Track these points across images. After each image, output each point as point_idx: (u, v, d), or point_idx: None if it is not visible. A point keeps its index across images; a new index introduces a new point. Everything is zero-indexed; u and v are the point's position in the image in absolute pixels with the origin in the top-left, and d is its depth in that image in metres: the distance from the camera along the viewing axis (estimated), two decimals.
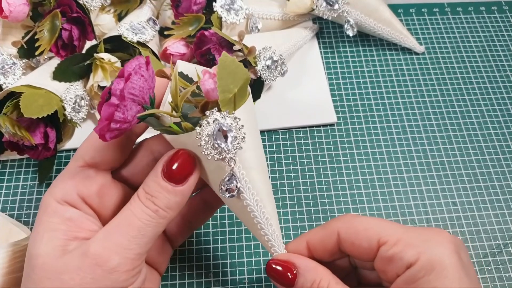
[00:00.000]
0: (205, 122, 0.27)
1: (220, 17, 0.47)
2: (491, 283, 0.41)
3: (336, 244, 0.31)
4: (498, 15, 0.58)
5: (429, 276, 0.27)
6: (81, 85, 0.45)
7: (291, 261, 0.31)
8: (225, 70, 0.28)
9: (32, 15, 0.45)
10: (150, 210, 0.28)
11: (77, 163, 0.30)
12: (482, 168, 0.47)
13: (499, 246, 0.43)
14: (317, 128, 0.49)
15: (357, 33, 0.54)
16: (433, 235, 0.29)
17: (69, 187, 0.30)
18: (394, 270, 0.29)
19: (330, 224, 0.32)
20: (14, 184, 0.45)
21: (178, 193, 0.29)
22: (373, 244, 0.30)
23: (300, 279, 0.30)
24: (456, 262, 0.27)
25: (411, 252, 0.28)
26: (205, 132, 0.27)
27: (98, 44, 0.45)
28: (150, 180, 0.29)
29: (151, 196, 0.28)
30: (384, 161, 0.47)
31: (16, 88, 0.41)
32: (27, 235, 0.40)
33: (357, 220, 0.31)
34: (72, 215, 0.29)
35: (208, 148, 0.28)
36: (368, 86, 0.52)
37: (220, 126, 0.27)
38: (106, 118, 0.26)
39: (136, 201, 0.29)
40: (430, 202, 0.45)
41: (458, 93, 0.52)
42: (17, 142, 0.41)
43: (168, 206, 0.29)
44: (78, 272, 0.27)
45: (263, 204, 0.30)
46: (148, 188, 0.29)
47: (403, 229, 0.30)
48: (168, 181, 0.29)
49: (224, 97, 0.28)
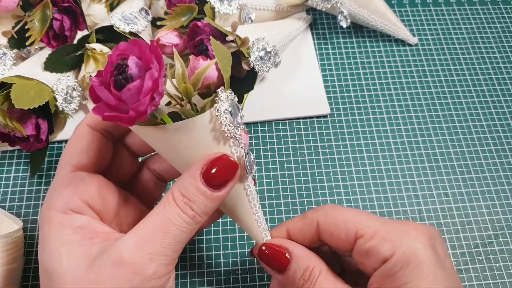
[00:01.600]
0: (219, 100, 0.27)
1: (213, 7, 0.47)
2: (482, 273, 0.41)
3: (315, 233, 0.31)
4: (491, 7, 0.58)
5: (405, 270, 0.27)
6: (72, 76, 0.45)
7: (284, 246, 0.31)
8: (220, 53, 0.29)
9: (23, 5, 0.44)
10: (187, 216, 0.27)
11: (66, 169, 0.29)
12: (474, 160, 0.47)
13: (490, 237, 0.43)
14: (310, 120, 0.49)
15: (351, 24, 0.54)
16: (409, 229, 0.29)
17: (69, 194, 0.28)
18: (371, 264, 0.29)
19: (309, 214, 0.32)
20: (5, 176, 0.45)
21: (215, 199, 0.28)
22: (351, 236, 0.30)
23: (293, 264, 0.30)
24: (431, 256, 0.28)
25: (387, 246, 0.28)
26: (223, 109, 0.27)
27: (90, 35, 0.45)
28: (187, 183, 0.27)
29: (188, 201, 0.27)
30: (376, 153, 0.47)
31: (7, 79, 0.40)
32: (19, 226, 0.40)
33: (337, 211, 0.31)
34: (82, 222, 0.28)
35: (227, 125, 0.27)
36: (361, 78, 0.52)
37: (235, 102, 0.28)
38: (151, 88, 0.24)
39: (172, 205, 0.27)
40: (422, 193, 0.45)
41: (451, 84, 0.52)
42: (8, 134, 0.41)
43: (204, 212, 0.28)
44: (114, 282, 0.26)
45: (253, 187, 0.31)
46: (186, 192, 0.27)
47: (380, 222, 0.30)
48: (207, 185, 0.27)
49: (226, 77, 0.29)
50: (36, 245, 0.42)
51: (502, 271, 0.41)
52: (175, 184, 0.28)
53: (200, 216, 0.28)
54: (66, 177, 0.29)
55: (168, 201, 0.27)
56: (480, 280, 0.41)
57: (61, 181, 0.29)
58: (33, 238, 0.42)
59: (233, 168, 0.28)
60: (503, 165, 0.47)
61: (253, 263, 0.41)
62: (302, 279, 0.30)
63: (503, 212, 0.44)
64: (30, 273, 0.40)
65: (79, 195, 0.29)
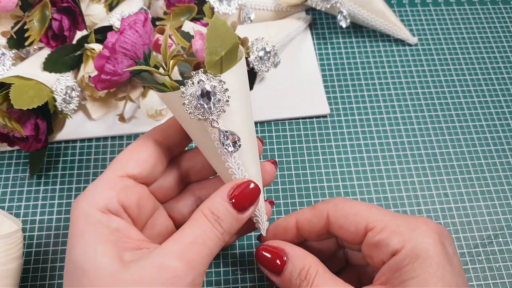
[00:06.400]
0: (190, 82, 0.28)
1: (212, 7, 0.47)
2: (482, 273, 0.41)
3: (324, 225, 0.32)
4: (491, 7, 0.58)
5: (413, 264, 0.28)
6: (71, 76, 0.45)
7: (280, 248, 0.31)
8: (215, 33, 0.28)
9: (22, 5, 0.44)
10: (218, 232, 0.29)
11: (117, 172, 0.30)
12: (474, 160, 0.47)
13: (489, 237, 0.43)
14: (309, 120, 0.49)
15: (350, 24, 0.54)
16: (420, 224, 0.29)
17: (111, 196, 0.29)
18: (379, 256, 0.29)
19: (319, 206, 0.32)
20: (4, 176, 0.45)
21: (240, 220, 0.30)
22: (361, 229, 0.30)
23: (289, 265, 0.31)
24: (440, 252, 0.28)
25: (397, 240, 0.29)
26: (189, 92, 0.28)
27: (89, 35, 0.45)
28: (217, 202, 0.29)
29: (217, 218, 0.29)
30: (376, 153, 0.47)
31: (6, 79, 0.40)
32: (19, 227, 0.40)
33: (347, 204, 0.32)
34: (119, 225, 0.29)
35: (191, 107, 0.28)
36: (361, 78, 0.52)
37: (204, 87, 0.28)
38: (97, 68, 0.26)
39: (205, 221, 0.29)
40: (421, 193, 0.45)
41: (450, 84, 0.52)
42: (7, 134, 0.41)
43: (230, 231, 0.29)
44: (155, 284, 0.26)
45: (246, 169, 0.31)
46: (216, 210, 0.29)
47: (390, 216, 0.30)
48: (233, 207, 0.29)
49: (210, 59, 0.28)
50: (35, 246, 0.42)
51: (502, 271, 0.41)
52: (205, 203, 0.30)
53: (226, 234, 0.29)
54: (114, 179, 0.30)
55: (200, 217, 0.29)
56: (480, 280, 0.41)
57: (108, 181, 0.30)
58: (32, 238, 0.42)
59: (256, 194, 0.30)
60: (503, 165, 0.47)
61: (252, 263, 0.41)
62: (299, 279, 0.30)
63: (503, 212, 0.44)
64: (29, 273, 0.40)
65: (119, 199, 0.29)
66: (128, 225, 0.29)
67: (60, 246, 0.42)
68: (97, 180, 0.30)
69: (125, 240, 0.28)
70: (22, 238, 0.40)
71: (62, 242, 0.42)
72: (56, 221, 0.43)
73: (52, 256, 0.41)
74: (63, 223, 0.43)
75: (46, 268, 0.41)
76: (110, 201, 0.29)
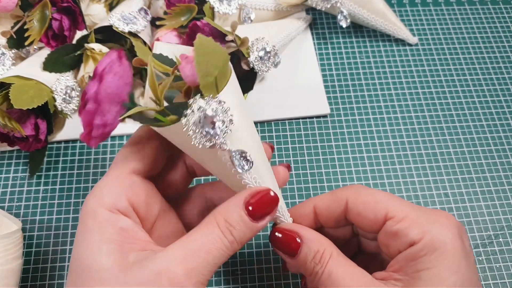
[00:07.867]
0: (190, 111, 0.26)
1: (213, 7, 0.47)
2: (482, 273, 0.41)
3: (343, 212, 0.32)
4: (491, 7, 0.58)
5: (430, 255, 0.28)
6: (71, 76, 0.45)
7: (295, 231, 0.31)
8: (203, 54, 0.26)
9: (22, 5, 0.44)
10: (227, 241, 0.28)
11: (123, 170, 0.30)
12: (474, 160, 0.47)
13: (490, 237, 0.43)
14: (310, 120, 0.49)
15: (351, 24, 0.54)
16: (440, 217, 0.30)
17: (119, 194, 0.29)
18: (396, 246, 0.29)
19: (339, 192, 0.32)
20: (4, 176, 0.45)
21: (254, 229, 0.29)
22: (380, 217, 0.30)
23: (303, 248, 0.30)
24: (459, 246, 0.28)
25: (416, 231, 0.29)
26: (192, 122, 0.26)
27: (89, 35, 0.45)
28: (231, 210, 0.28)
29: (229, 225, 0.28)
30: (376, 152, 0.47)
31: (6, 79, 0.40)
32: (18, 227, 0.40)
33: (367, 192, 0.32)
34: (126, 225, 0.28)
35: (197, 138, 0.26)
36: (361, 78, 0.52)
37: (206, 113, 0.26)
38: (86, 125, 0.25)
39: (215, 228, 0.28)
40: (422, 193, 0.45)
41: (451, 84, 0.52)
42: (7, 134, 0.41)
43: (241, 240, 0.28)
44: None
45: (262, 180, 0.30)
46: (229, 218, 0.28)
47: (411, 207, 0.30)
48: (248, 215, 0.28)
49: (205, 82, 0.27)
50: (35, 246, 0.42)
51: (502, 271, 0.41)
52: (218, 208, 0.29)
53: (237, 243, 0.28)
54: (121, 177, 0.29)
55: (211, 223, 0.28)
56: (480, 280, 0.41)
57: (116, 179, 0.29)
58: (32, 238, 0.42)
59: (274, 202, 0.29)
60: (503, 165, 0.47)
61: (253, 263, 0.41)
62: (313, 262, 0.30)
63: (503, 212, 0.44)
64: (29, 273, 0.40)
65: (128, 197, 0.29)
66: (135, 225, 0.29)
67: (60, 246, 0.42)
68: (104, 177, 0.30)
69: (131, 241, 0.28)
70: (22, 238, 0.40)
71: (62, 242, 0.42)
72: (56, 221, 0.43)
73: (52, 256, 0.41)
74: (63, 223, 0.43)
75: (46, 268, 0.41)
76: (119, 200, 0.28)
